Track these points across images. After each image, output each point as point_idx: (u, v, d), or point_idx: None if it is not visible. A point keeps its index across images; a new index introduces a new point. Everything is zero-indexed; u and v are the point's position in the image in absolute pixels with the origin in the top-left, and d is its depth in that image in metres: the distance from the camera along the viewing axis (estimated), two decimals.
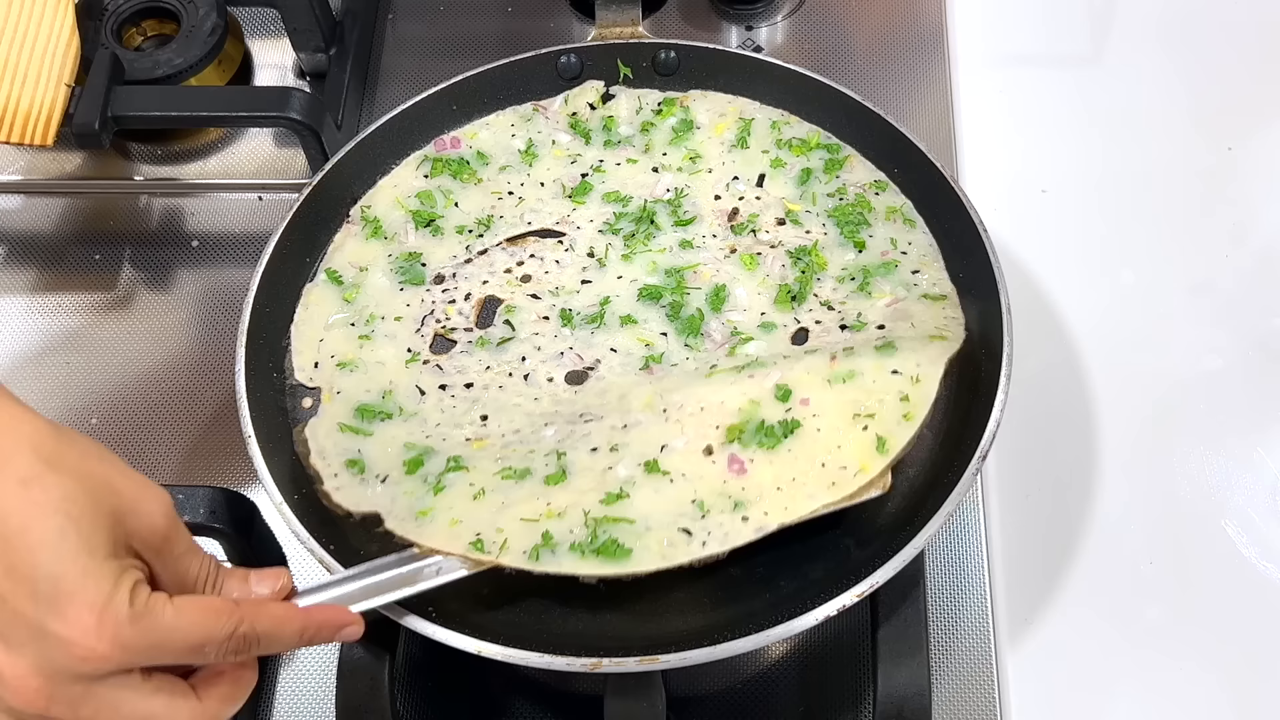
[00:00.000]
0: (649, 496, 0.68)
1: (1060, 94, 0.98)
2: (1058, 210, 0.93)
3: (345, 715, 0.68)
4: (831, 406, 0.70)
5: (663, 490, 0.68)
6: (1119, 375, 0.86)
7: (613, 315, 0.78)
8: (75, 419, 0.86)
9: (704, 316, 0.77)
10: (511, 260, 0.81)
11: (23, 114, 0.87)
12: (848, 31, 1.01)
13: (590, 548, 0.66)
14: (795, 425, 0.70)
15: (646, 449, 0.70)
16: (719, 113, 0.86)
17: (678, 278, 0.79)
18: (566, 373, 0.76)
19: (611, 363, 0.76)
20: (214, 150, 0.98)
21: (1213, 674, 0.76)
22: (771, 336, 0.76)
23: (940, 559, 0.79)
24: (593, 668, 0.64)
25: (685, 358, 0.76)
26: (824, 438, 0.69)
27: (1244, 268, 0.90)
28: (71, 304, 0.92)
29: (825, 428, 0.70)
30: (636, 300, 0.79)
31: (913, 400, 0.70)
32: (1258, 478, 0.82)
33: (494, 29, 1.04)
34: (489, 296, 0.80)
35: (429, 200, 0.83)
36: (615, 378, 0.76)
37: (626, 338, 0.77)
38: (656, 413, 0.72)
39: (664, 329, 0.78)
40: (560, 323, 0.78)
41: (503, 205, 0.83)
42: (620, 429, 0.71)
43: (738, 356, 0.75)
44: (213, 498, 0.72)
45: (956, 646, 0.77)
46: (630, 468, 0.69)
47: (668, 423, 0.71)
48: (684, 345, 0.77)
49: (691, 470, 0.69)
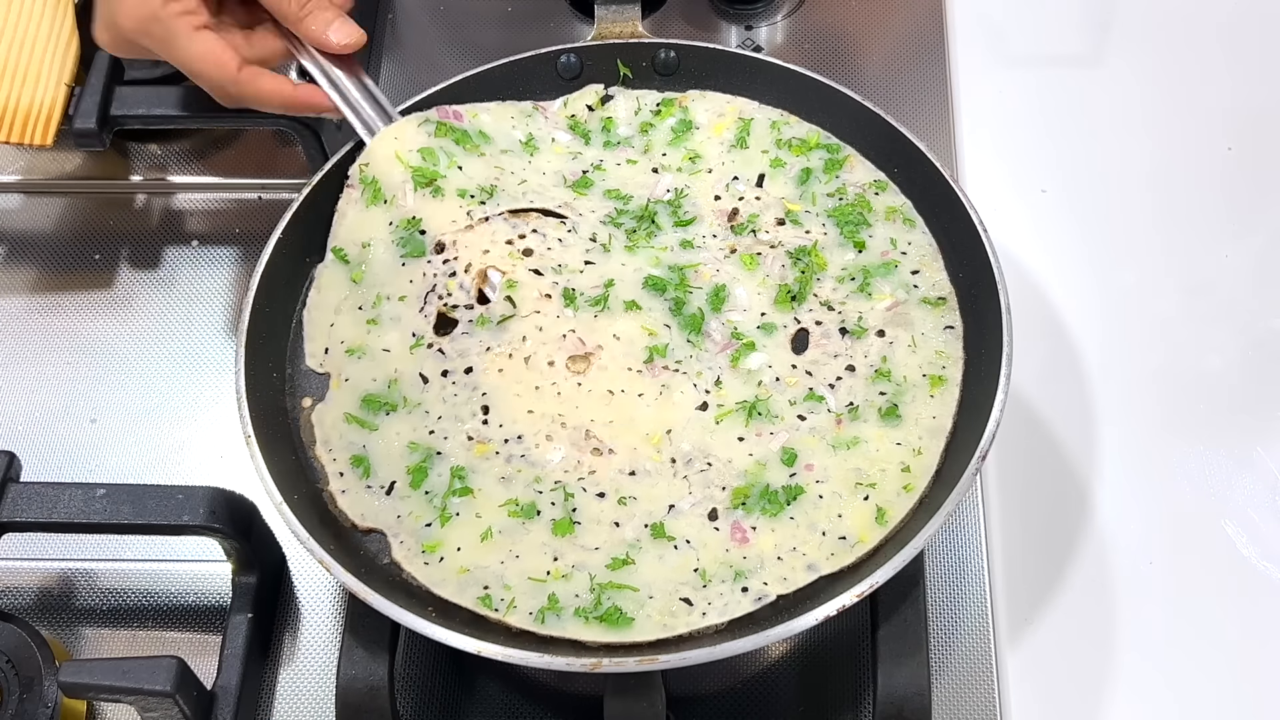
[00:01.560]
0: (653, 564, 0.69)
1: (1060, 94, 0.98)
2: (1058, 210, 0.93)
3: (345, 715, 0.68)
4: (835, 473, 0.71)
5: (667, 557, 0.69)
6: (1119, 375, 0.86)
7: (616, 300, 0.77)
8: (75, 419, 0.86)
9: (704, 316, 0.77)
10: (514, 232, 0.79)
11: (23, 114, 0.87)
12: (848, 31, 1.01)
13: (594, 614, 0.66)
14: (799, 491, 0.70)
15: (654, 508, 0.70)
16: (718, 113, 0.86)
17: (680, 274, 0.78)
18: (568, 357, 0.75)
19: (614, 351, 0.75)
20: (214, 150, 0.98)
21: (1213, 674, 0.76)
22: (772, 339, 0.76)
23: (940, 559, 0.79)
24: (593, 668, 0.64)
25: (689, 355, 0.75)
26: (826, 505, 0.70)
27: (1244, 268, 0.90)
28: (71, 304, 0.92)
29: (828, 494, 0.71)
30: (641, 288, 0.77)
31: (914, 471, 0.71)
32: (1258, 478, 0.82)
33: (494, 29, 1.04)
34: (490, 268, 0.77)
35: (431, 158, 0.80)
36: (619, 369, 0.74)
37: (630, 325, 0.76)
38: (664, 462, 0.72)
39: (667, 321, 0.77)
40: (563, 302, 0.76)
41: (505, 179, 0.81)
42: (628, 476, 0.71)
43: (739, 371, 0.75)
44: (213, 498, 0.72)
45: (956, 646, 0.77)
46: (637, 529, 0.70)
47: (675, 478, 0.71)
48: (686, 341, 0.76)
49: (696, 537, 0.69)
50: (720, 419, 0.73)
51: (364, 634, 0.68)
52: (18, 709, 0.70)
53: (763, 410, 0.73)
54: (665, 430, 0.73)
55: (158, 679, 0.67)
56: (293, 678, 0.77)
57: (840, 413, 0.73)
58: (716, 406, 0.74)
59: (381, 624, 0.67)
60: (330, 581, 0.79)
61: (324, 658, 0.77)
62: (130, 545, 0.81)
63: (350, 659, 0.68)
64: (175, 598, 0.80)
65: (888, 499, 0.70)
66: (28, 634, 0.73)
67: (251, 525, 0.76)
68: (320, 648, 0.78)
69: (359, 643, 0.68)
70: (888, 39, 1.01)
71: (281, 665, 0.78)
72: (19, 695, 0.71)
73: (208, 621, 0.79)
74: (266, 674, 0.77)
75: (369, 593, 0.65)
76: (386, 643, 0.68)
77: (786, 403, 0.74)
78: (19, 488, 0.73)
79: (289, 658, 0.78)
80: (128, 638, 0.79)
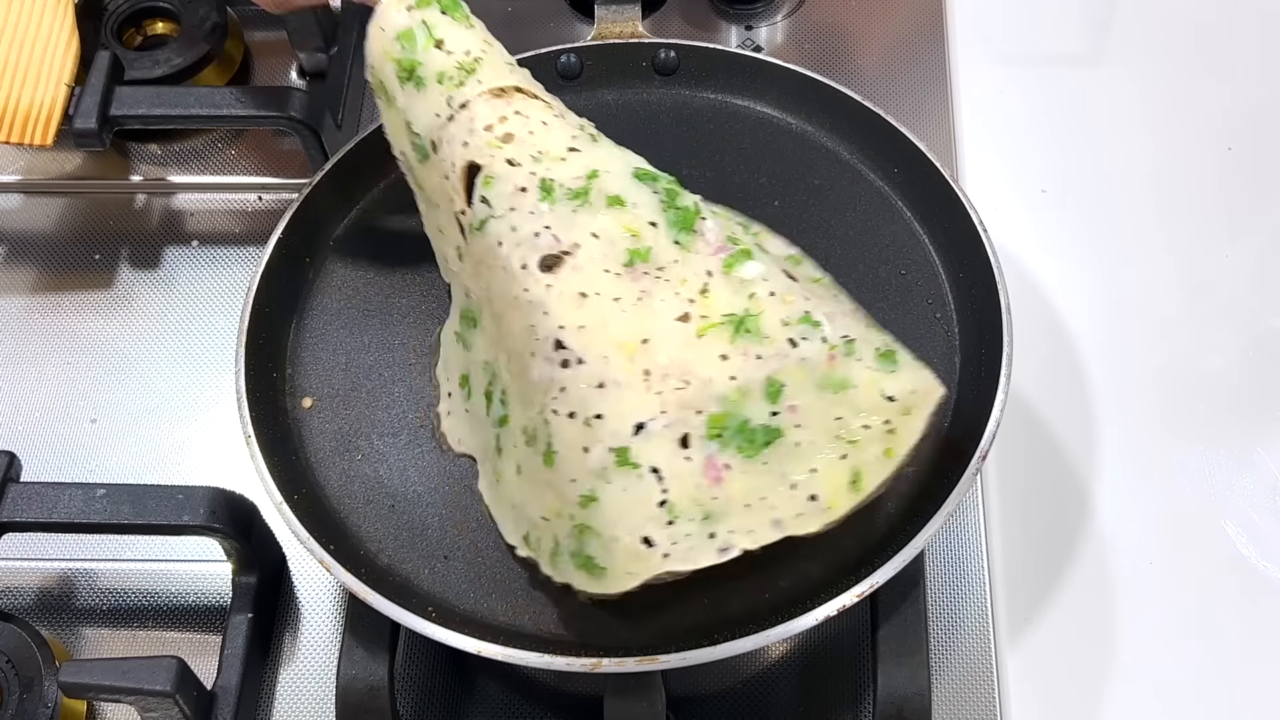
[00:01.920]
0: (617, 498, 0.62)
1: (1060, 94, 0.98)
2: (1058, 210, 0.93)
3: (345, 715, 0.68)
4: (817, 420, 0.64)
5: (631, 489, 0.62)
6: (1119, 375, 0.86)
7: (599, 193, 0.68)
8: (75, 419, 0.86)
9: (700, 211, 0.69)
10: (494, 115, 0.70)
11: (22, 114, 0.87)
12: (848, 31, 1.01)
13: (578, 560, 0.64)
14: (777, 434, 0.63)
15: (621, 427, 0.63)
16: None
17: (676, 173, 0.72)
18: (540, 257, 0.66)
19: (592, 251, 0.67)
20: (214, 150, 0.98)
21: (1213, 674, 0.76)
22: (767, 255, 0.70)
23: (940, 559, 0.79)
24: (593, 668, 0.64)
25: (674, 259, 0.67)
26: (802, 454, 0.64)
27: (1244, 268, 0.90)
28: (71, 304, 0.92)
29: (805, 443, 0.64)
30: (629, 178, 0.69)
31: (898, 434, 0.65)
32: (1258, 478, 0.82)
33: (494, 29, 1.03)
34: (470, 164, 0.70)
35: (409, 42, 0.72)
36: (595, 271, 0.66)
37: (611, 222, 0.67)
38: (636, 373, 0.64)
39: (655, 218, 0.68)
40: (539, 195, 0.68)
41: (492, 54, 0.73)
42: (596, 389, 0.64)
43: (732, 279, 0.67)
44: (213, 498, 0.72)
45: (956, 646, 0.77)
46: (603, 455, 0.63)
47: (647, 392, 0.63)
48: (674, 243, 0.67)
49: (666, 465, 0.63)
50: (703, 331, 0.65)
51: (364, 634, 0.68)
52: (18, 709, 0.70)
53: (752, 327, 0.65)
54: (641, 339, 0.65)
55: (158, 679, 0.67)
56: (293, 678, 0.77)
57: (836, 344, 0.65)
58: (700, 318, 0.65)
59: (381, 624, 0.67)
60: (330, 581, 0.79)
61: (324, 658, 0.77)
62: (130, 545, 0.81)
63: (350, 659, 0.68)
64: (175, 598, 0.80)
65: (865, 461, 0.64)
66: (28, 634, 0.73)
67: (251, 525, 0.76)
68: (320, 648, 0.78)
69: (359, 643, 0.68)
70: (888, 39, 1.01)
71: (281, 665, 0.78)
72: (19, 695, 0.71)
73: (208, 621, 0.79)
74: (266, 674, 0.77)
75: (369, 592, 0.65)
76: (386, 643, 0.68)
77: (779, 322, 0.66)
78: (19, 488, 0.73)
79: (289, 658, 0.78)
80: (128, 638, 0.79)
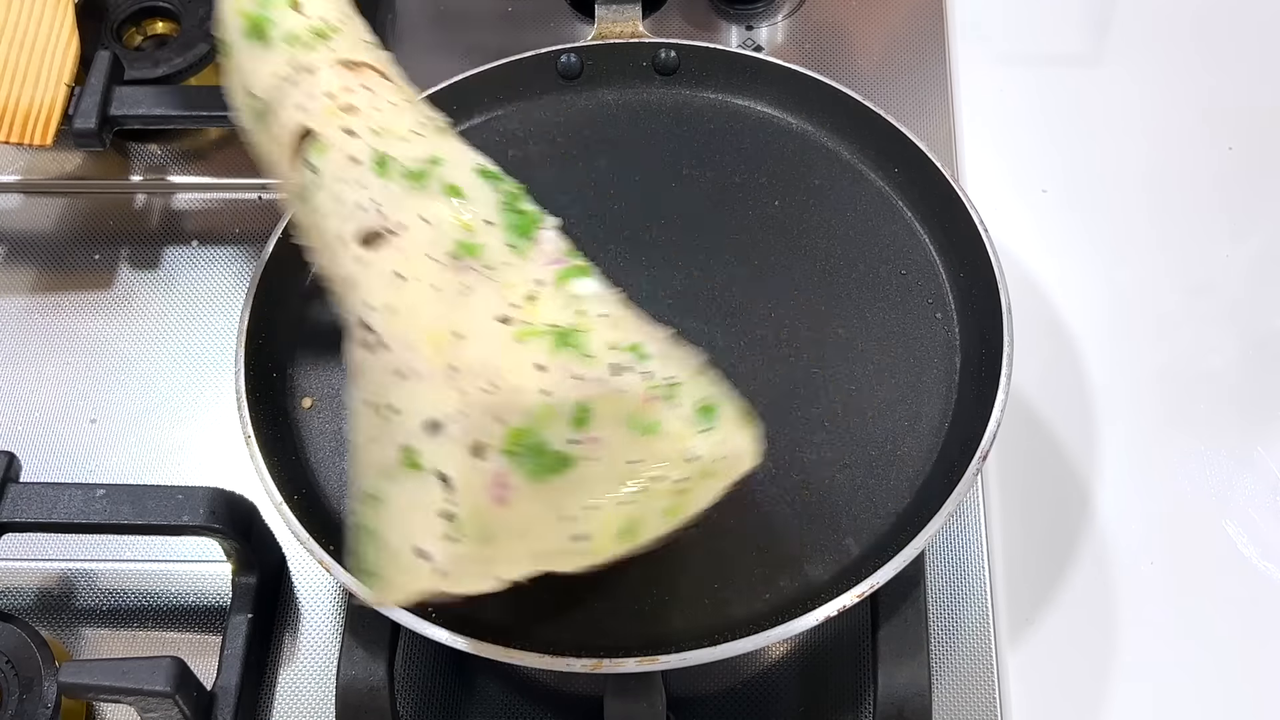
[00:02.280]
0: (397, 500, 0.57)
1: (1061, 94, 0.98)
2: (1058, 210, 0.93)
3: (345, 715, 0.68)
4: (616, 457, 0.57)
5: (412, 494, 0.57)
6: (1119, 375, 0.86)
7: (438, 180, 0.62)
8: (75, 419, 0.86)
9: (540, 221, 0.63)
10: (339, 84, 0.64)
11: (22, 114, 0.87)
12: (848, 31, 1.01)
13: (355, 563, 0.60)
14: (569, 463, 0.56)
15: (413, 425, 0.57)
16: None
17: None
18: (359, 229, 0.61)
19: (418, 236, 0.60)
20: (214, 150, 0.97)
21: (1213, 674, 0.76)
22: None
23: (940, 559, 0.79)
24: (593, 668, 0.64)
25: (505, 262, 0.60)
26: (586, 489, 0.57)
27: (1244, 268, 0.90)
28: (71, 304, 0.92)
29: (594, 479, 0.57)
30: (473, 173, 0.64)
31: (689, 495, 0.58)
32: (1258, 478, 0.82)
33: (494, 29, 1.04)
34: (303, 129, 0.64)
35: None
36: (417, 255, 0.60)
37: (445, 210, 0.61)
38: (442, 366, 0.57)
39: (492, 217, 0.62)
40: (372, 168, 0.62)
41: (352, 26, 0.68)
42: (395, 377, 0.58)
43: (563, 292, 0.60)
44: (213, 498, 0.72)
45: (956, 646, 0.77)
46: (392, 450, 0.57)
47: (447, 387, 0.57)
48: (508, 245, 0.61)
49: (455, 474, 0.56)
50: (523, 336, 0.58)
51: (364, 634, 0.68)
52: (18, 709, 0.70)
53: (575, 342, 0.58)
54: (453, 331, 0.58)
55: (157, 679, 0.67)
56: (293, 678, 0.77)
57: (658, 384, 0.58)
58: (522, 323, 0.59)
59: (381, 624, 0.67)
60: (330, 581, 0.79)
61: (324, 658, 0.77)
62: (130, 545, 0.81)
63: (350, 659, 0.68)
64: (175, 598, 0.80)
65: (646, 513, 0.58)
66: (28, 634, 0.73)
67: (251, 525, 0.76)
68: (320, 648, 0.78)
69: (359, 643, 0.68)
70: (888, 39, 1.01)
71: (281, 665, 0.78)
72: (19, 695, 0.71)
73: (208, 621, 0.79)
74: (266, 674, 0.77)
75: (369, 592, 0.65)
76: (386, 643, 0.68)
77: (605, 344, 0.59)
78: (19, 488, 0.73)
79: (289, 658, 0.78)
80: (128, 638, 0.79)
